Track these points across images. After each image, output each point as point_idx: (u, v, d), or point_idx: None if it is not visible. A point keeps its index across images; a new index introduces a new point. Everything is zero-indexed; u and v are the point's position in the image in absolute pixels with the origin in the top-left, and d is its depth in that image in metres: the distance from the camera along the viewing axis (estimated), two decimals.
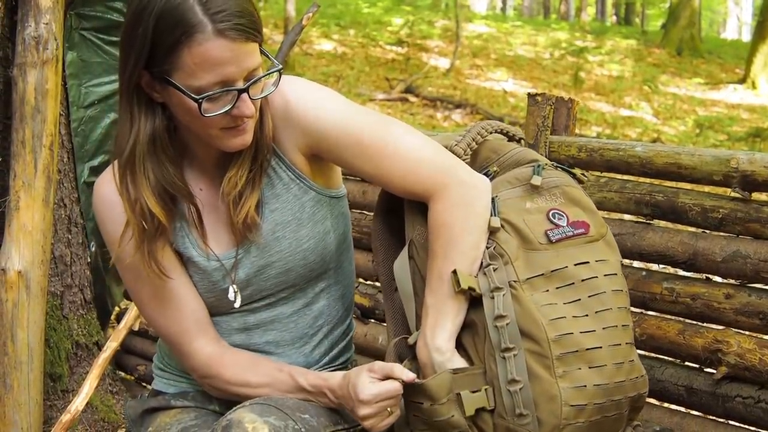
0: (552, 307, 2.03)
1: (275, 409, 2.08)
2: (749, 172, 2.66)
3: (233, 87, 2.02)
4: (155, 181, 2.13)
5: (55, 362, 3.76)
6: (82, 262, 3.88)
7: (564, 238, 2.11)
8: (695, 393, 2.76)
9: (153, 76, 2.04)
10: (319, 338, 2.40)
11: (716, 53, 24.14)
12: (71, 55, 3.71)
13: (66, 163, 3.78)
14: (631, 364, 2.11)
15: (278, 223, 2.24)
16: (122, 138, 2.13)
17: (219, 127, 2.07)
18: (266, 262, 2.26)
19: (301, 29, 4.46)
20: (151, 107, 2.11)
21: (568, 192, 2.19)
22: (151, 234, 2.16)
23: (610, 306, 2.08)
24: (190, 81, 2.00)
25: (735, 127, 15.65)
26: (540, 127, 3.14)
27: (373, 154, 2.17)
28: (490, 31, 25.27)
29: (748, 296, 2.68)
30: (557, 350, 2.00)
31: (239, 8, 1.99)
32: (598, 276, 2.09)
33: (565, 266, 2.07)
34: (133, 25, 2.02)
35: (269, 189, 2.24)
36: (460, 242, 2.10)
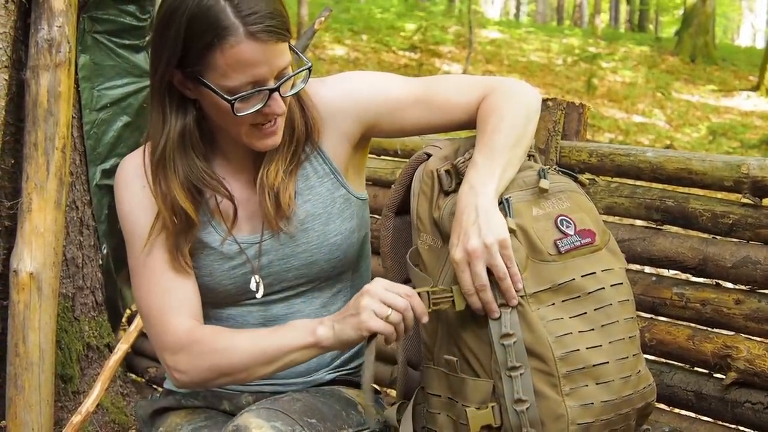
0: (558, 323, 2.01)
1: (282, 414, 2.08)
2: (760, 178, 2.66)
3: (265, 87, 2.05)
4: (184, 177, 2.17)
5: (66, 364, 3.77)
6: (94, 264, 3.89)
7: (572, 248, 2.07)
8: (704, 398, 2.76)
9: (185, 74, 2.08)
10: None
11: (730, 60, 24.11)
12: (84, 58, 3.72)
13: (78, 166, 3.79)
14: (638, 375, 2.10)
15: (309, 214, 2.27)
16: (155, 136, 2.17)
17: (250, 123, 2.11)
18: (292, 252, 2.27)
19: (313, 33, 4.48)
20: (183, 104, 2.15)
21: (573, 197, 2.17)
22: (181, 229, 2.20)
23: (616, 318, 2.06)
24: (223, 81, 2.04)
25: (748, 134, 15.62)
26: (551, 132, 3.14)
27: (430, 102, 2.27)
28: (503, 37, 25.28)
29: (758, 302, 2.67)
30: (564, 368, 1.99)
31: (270, 9, 2.02)
32: (605, 287, 2.07)
33: (572, 278, 2.04)
34: (165, 25, 2.05)
35: (304, 180, 2.27)
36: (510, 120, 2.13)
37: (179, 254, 2.22)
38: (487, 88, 2.23)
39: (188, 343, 2.21)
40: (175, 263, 2.23)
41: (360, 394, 2.37)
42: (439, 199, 2.17)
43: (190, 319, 2.24)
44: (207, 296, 2.30)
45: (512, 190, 2.10)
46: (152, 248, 2.23)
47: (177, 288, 2.25)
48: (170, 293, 2.24)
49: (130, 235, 2.28)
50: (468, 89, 2.26)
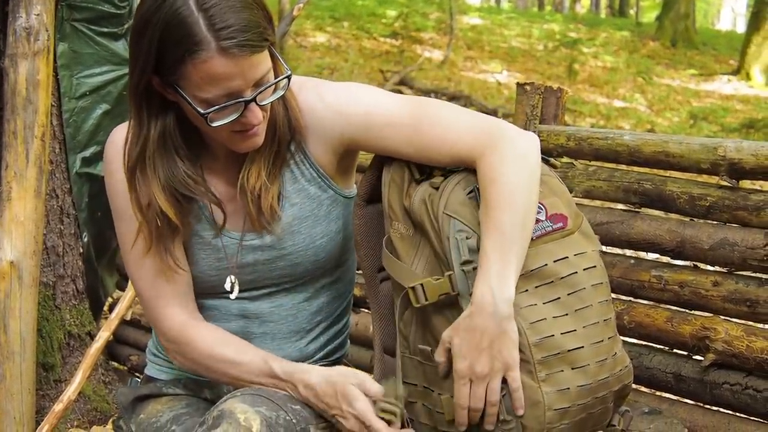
0: (532, 309, 2.01)
1: (266, 400, 2.08)
2: (736, 160, 2.68)
3: (240, 98, 2.01)
4: (165, 181, 2.14)
5: (47, 352, 3.77)
6: (75, 252, 3.89)
7: (543, 234, 2.07)
8: (683, 380, 2.77)
9: (162, 80, 2.04)
10: (315, 334, 2.41)
11: (710, 44, 24.14)
12: (62, 46, 3.71)
13: (58, 154, 3.78)
14: (614, 358, 2.10)
15: (296, 218, 2.25)
16: (133, 141, 2.14)
17: (228, 131, 2.08)
18: (278, 254, 2.27)
19: (291, 20, 4.48)
20: (163, 106, 2.11)
21: (545, 181, 2.14)
22: (165, 232, 2.19)
23: (590, 302, 2.06)
24: (197, 92, 2.00)
25: (729, 118, 15.66)
26: (529, 116, 3.15)
27: (418, 131, 2.15)
28: (484, 23, 25.25)
29: (736, 284, 2.69)
30: (539, 354, 1.99)
31: (245, 22, 1.96)
32: (578, 271, 2.06)
33: (545, 264, 2.03)
34: (140, 31, 2.01)
35: (292, 183, 2.25)
36: (515, 193, 2.02)
37: (168, 255, 2.21)
38: (481, 141, 2.11)
39: (181, 339, 2.26)
40: (163, 264, 2.23)
41: None
42: (410, 188, 2.16)
43: (186, 309, 2.28)
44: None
45: None
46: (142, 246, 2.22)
47: (172, 276, 2.26)
48: (165, 280, 2.26)
49: (121, 213, 2.27)
50: (457, 135, 2.14)
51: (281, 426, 2.03)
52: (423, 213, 2.09)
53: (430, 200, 2.09)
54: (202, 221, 2.26)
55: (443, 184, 2.11)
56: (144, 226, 2.18)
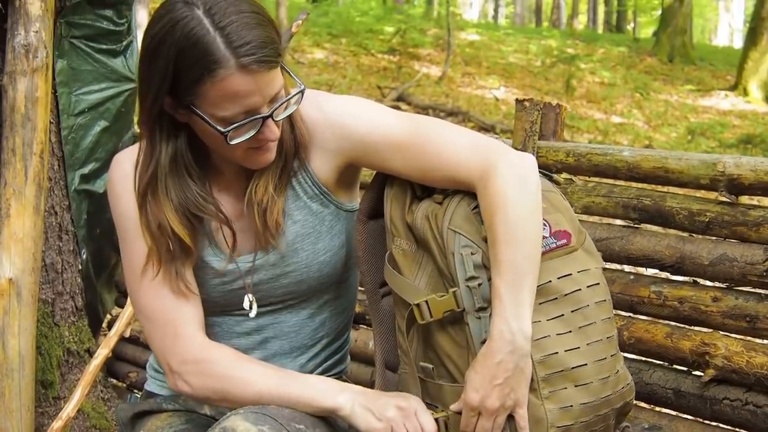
0: (536, 326, 2.00)
1: (270, 419, 2.05)
2: (736, 176, 2.68)
3: (258, 115, 2.02)
4: (178, 202, 2.13)
5: (46, 369, 3.76)
6: (74, 269, 3.88)
7: (548, 250, 2.06)
8: (683, 396, 2.77)
9: (176, 101, 2.04)
10: (316, 350, 2.40)
11: (708, 60, 24.22)
12: (61, 63, 3.71)
13: (56, 171, 3.78)
14: (616, 375, 2.10)
15: (298, 235, 2.25)
16: (145, 163, 2.14)
17: (244, 149, 2.08)
18: (282, 272, 2.26)
19: (290, 36, 4.48)
20: (174, 128, 2.11)
21: (549, 197, 2.14)
22: (177, 255, 2.17)
23: (593, 320, 2.06)
24: (215, 111, 2.00)
25: (726, 133, 15.69)
26: (528, 132, 3.15)
27: (417, 153, 2.15)
28: (482, 39, 25.33)
29: (735, 299, 2.69)
30: (543, 371, 2.00)
31: (263, 38, 1.97)
32: (581, 288, 2.06)
33: (549, 281, 2.03)
34: (152, 54, 2.00)
35: (293, 200, 2.24)
36: (521, 225, 2.01)
37: (179, 279, 2.19)
38: (481, 164, 2.10)
39: (201, 359, 2.19)
40: (174, 286, 2.20)
41: None
42: (412, 204, 2.16)
43: (202, 333, 2.23)
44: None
45: None
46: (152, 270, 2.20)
47: (185, 300, 2.22)
48: (179, 303, 2.22)
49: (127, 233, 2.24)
50: (457, 157, 2.13)
51: None
52: (426, 229, 2.09)
53: (434, 216, 2.09)
54: (208, 248, 2.25)
55: (447, 200, 2.11)
56: (154, 250, 2.16)
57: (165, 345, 2.22)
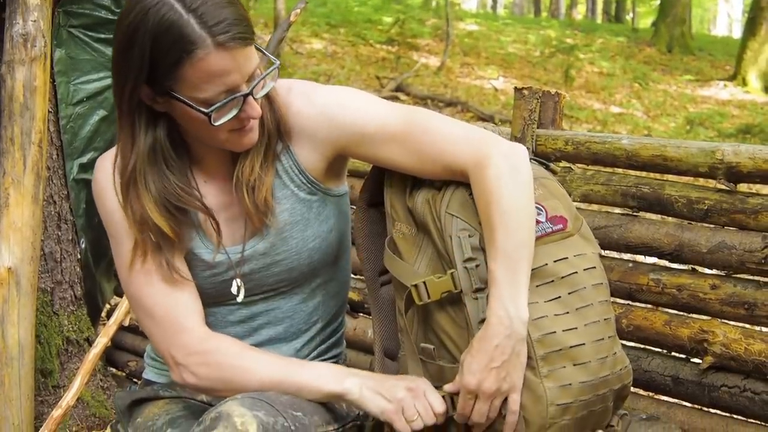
0: (534, 307, 2.02)
1: (266, 404, 2.05)
2: (734, 164, 2.68)
3: (239, 93, 2.03)
4: (157, 193, 2.14)
5: (45, 358, 3.77)
6: (72, 258, 3.89)
7: (543, 235, 2.08)
8: (681, 383, 2.78)
9: (154, 90, 2.05)
10: (311, 334, 2.41)
11: (706, 50, 24.19)
12: (59, 52, 3.71)
13: (55, 160, 3.78)
14: (614, 357, 2.11)
15: (287, 223, 2.25)
16: (124, 156, 2.14)
17: (227, 130, 2.09)
18: (272, 261, 2.27)
19: (288, 26, 4.47)
20: (152, 119, 2.11)
21: (545, 184, 2.17)
22: (163, 246, 2.17)
23: (590, 301, 2.08)
24: (196, 93, 2.01)
25: (725, 123, 15.68)
26: (527, 121, 3.15)
27: (412, 143, 2.17)
28: (481, 29, 25.29)
29: (734, 287, 2.69)
30: (541, 350, 2.01)
31: (236, 16, 1.99)
32: (578, 271, 2.08)
33: (545, 264, 2.06)
34: (126, 44, 2.01)
35: (281, 189, 2.25)
36: (514, 212, 2.04)
37: (170, 269, 2.19)
38: (474, 155, 2.12)
39: (206, 349, 2.20)
40: (167, 277, 2.20)
41: None
42: (413, 190, 2.19)
43: (202, 324, 2.24)
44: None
45: None
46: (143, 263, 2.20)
47: (182, 292, 2.23)
48: (177, 295, 2.23)
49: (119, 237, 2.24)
50: (457, 149, 2.14)
51: None
52: (426, 212, 2.12)
53: (433, 200, 2.13)
54: (197, 239, 2.25)
55: (445, 186, 2.15)
56: (140, 243, 2.17)
57: (167, 339, 2.23)
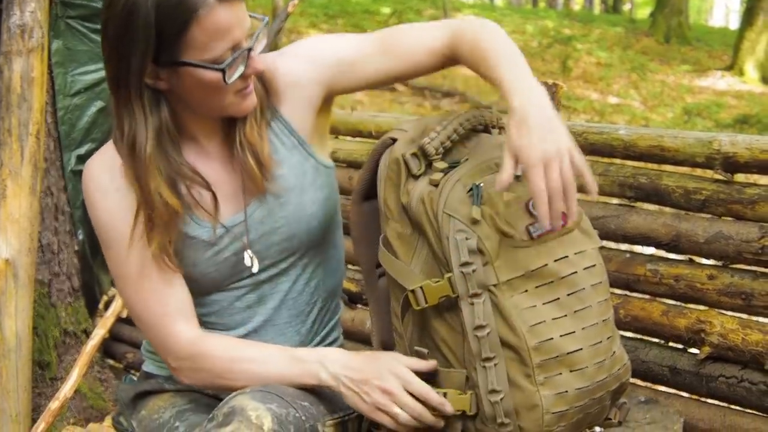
0: (532, 311, 1.98)
1: (276, 397, 2.04)
2: (731, 154, 2.68)
3: (243, 48, 2.07)
4: (166, 173, 2.14)
5: (43, 350, 3.77)
6: (70, 250, 3.89)
7: (544, 232, 2.03)
8: (679, 373, 2.78)
9: (159, 64, 2.05)
10: (314, 316, 2.40)
11: (704, 40, 24.16)
12: (57, 43, 3.71)
13: (52, 152, 3.79)
14: (612, 358, 2.09)
15: (283, 188, 2.25)
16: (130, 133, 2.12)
17: (233, 92, 2.13)
18: (271, 228, 2.26)
19: (286, 16, 4.47)
20: (155, 99, 2.12)
21: None
22: (166, 223, 2.16)
23: (589, 303, 2.04)
24: (205, 55, 2.04)
25: (722, 113, 15.66)
26: None
27: (389, 49, 2.25)
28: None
29: (731, 277, 2.70)
30: (538, 358, 1.97)
31: None
32: (578, 271, 2.05)
33: (545, 264, 2.01)
34: (126, 28, 2.01)
35: (274, 154, 2.26)
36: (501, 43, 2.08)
37: (164, 254, 2.18)
38: (451, 29, 2.19)
39: (193, 354, 2.21)
40: (162, 264, 2.20)
41: None
42: (408, 184, 2.11)
43: (191, 324, 2.24)
44: (191, 286, 2.27)
45: (483, 173, 2.05)
46: (136, 252, 2.20)
47: (170, 292, 2.23)
48: (165, 298, 2.22)
49: (110, 242, 2.23)
50: (431, 33, 2.22)
51: (291, 423, 2.01)
52: (421, 212, 2.05)
53: (429, 198, 2.05)
54: (192, 223, 2.24)
55: (443, 180, 2.05)
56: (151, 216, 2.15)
57: (159, 343, 2.25)
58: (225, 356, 2.20)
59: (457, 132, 2.12)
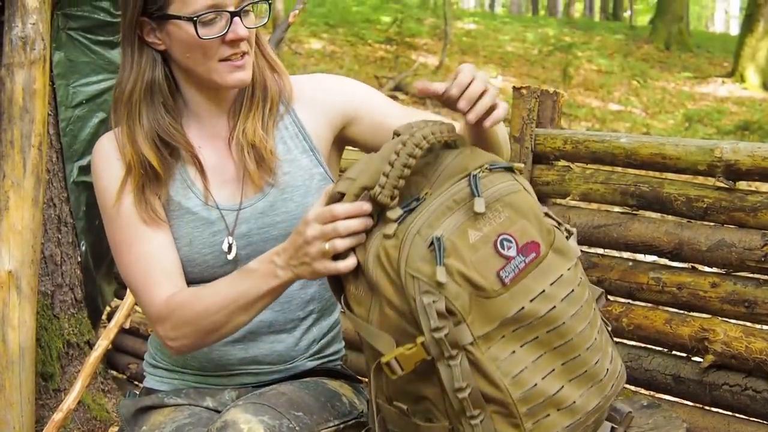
0: (511, 358, 1.87)
1: (269, 408, 2.06)
2: (733, 162, 2.69)
3: (225, 9, 2.13)
4: (149, 128, 2.21)
5: (46, 361, 3.77)
6: (73, 261, 3.89)
7: (517, 273, 1.88)
8: (683, 382, 2.78)
9: (152, 18, 2.15)
10: (308, 324, 2.39)
11: (704, 47, 24.19)
12: (59, 55, 3.72)
13: (55, 163, 3.79)
14: (606, 376, 2.00)
15: (288, 185, 2.27)
16: (122, 82, 2.23)
17: (218, 58, 2.16)
18: (271, 221, 2.26)
19: (287, 26, 4.49)
20: (151, 57, 2.21)
21: (510, 202, 1.93)
22: (148, 179, 2.22)
23: (570, 336, 1.92)
24: (184, 8, 2.11)
25: (724, 120, 15.69)
26: (525, 120, 3.15)
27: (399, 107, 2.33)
28: (479, 27, 25.28)
29: (734, 285, 2.70)
30: (524, 407, 1.87)
31: None
32: (556, 305, 1.90)
33: (522, 307, 1.86)
34: None
35: (285, 153, 2.28)
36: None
37: (147, 206, 2.22)
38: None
39: (169, 312, 2.18)
40: (145, 215, 2.23)
41: (342, 384, 2.37)
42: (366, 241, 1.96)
43: (171, 284, 2.22)
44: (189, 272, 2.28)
45: (443, 217, 1.87)
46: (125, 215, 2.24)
47: (153, 252, 2.23)
48: (148, 259, 2.23)
49: (106, 208, 2.28)
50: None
51: None
52: (379, 275, 1.90)
53: (387, 256, 1.89)
54: (192, 197, 2.27)
55: (400, 231, 1.89)
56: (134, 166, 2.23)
57: (145, 309, 2.26)
58: (193, 301, 2.16)
59: (408, 166, 1.90)
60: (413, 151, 1.91)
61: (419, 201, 1.91)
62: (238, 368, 2.35)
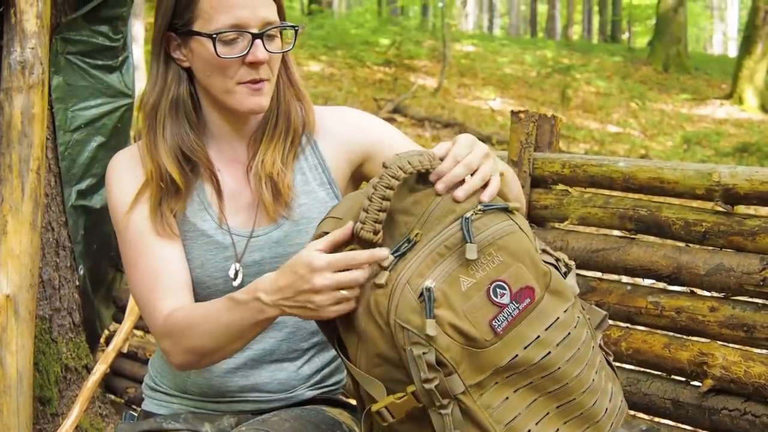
0: (504, 405, 1.84)
1: None
2: (731, 186, 2.69)
3: (247, 30, 2.13)
4: (172, 143, 2.22)
5: (44, 386, 3.76)
6: (71, 285, 3.89)
7: (511, 321, 1.82)
8: (682, 406, 2.77)
9: (178, 34, 2.18)
10: (311, 354, 2.38)
11: (703, 69, 24.27)
12: (57, 79, 3.72)
13: (53, 187, 3.79)
14: (597, 424, 1.96)
15: (304, 217, 2.26)
16: (147, 94, 2.25)
17: (237, 81, 2.16)
18: (284, 252, 2.25)
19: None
20: (177, 73, 2.23)
21: (505, 245, 1.86)
22: (167, 193, 2.22)
23: (565, 381, 1.89)
24: (207, 26, 2.13)
25: (722, 142, 15.72)
26: (524, 144, 3.16)
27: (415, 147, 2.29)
28: (477, 50, 25.36)
29: (732, 309, 2.69)
30: None
31: None
32: (551, 351, 1.86)
33: (516, 355, 1.83)
34: None
35: (303, 185, 2.28)
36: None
37: (163, 219, 2.22)
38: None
39: (168, 328, 2.17)
40: (160, 228, 2.22)
41: (342, 412, 2.36)
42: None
43: (174, 299, 2.19)
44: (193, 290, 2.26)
45: (434, 265, 1.83)
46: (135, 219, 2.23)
47: (160, 266, 2.22)
48: (157, 276, 2.21)
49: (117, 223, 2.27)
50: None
51: None
52: (369, 327, 1.87)
53: (376, 306, 1.85)
54: (208, 219, 2.26)
55: (389, 280, 1.84)
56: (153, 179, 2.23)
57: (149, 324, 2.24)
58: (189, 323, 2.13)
59: (386, 198, 1.86)
60: (390, 182, 1.86)
61: (410, 243, 1.86)
62: (239, 395, 2.34)
